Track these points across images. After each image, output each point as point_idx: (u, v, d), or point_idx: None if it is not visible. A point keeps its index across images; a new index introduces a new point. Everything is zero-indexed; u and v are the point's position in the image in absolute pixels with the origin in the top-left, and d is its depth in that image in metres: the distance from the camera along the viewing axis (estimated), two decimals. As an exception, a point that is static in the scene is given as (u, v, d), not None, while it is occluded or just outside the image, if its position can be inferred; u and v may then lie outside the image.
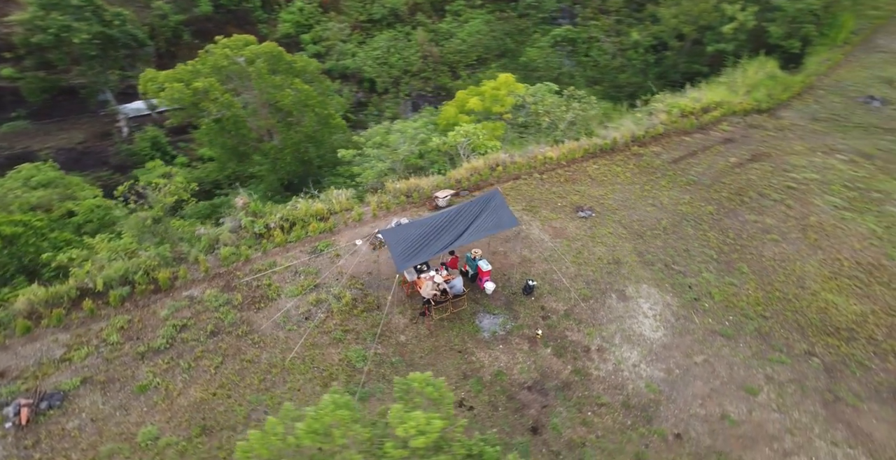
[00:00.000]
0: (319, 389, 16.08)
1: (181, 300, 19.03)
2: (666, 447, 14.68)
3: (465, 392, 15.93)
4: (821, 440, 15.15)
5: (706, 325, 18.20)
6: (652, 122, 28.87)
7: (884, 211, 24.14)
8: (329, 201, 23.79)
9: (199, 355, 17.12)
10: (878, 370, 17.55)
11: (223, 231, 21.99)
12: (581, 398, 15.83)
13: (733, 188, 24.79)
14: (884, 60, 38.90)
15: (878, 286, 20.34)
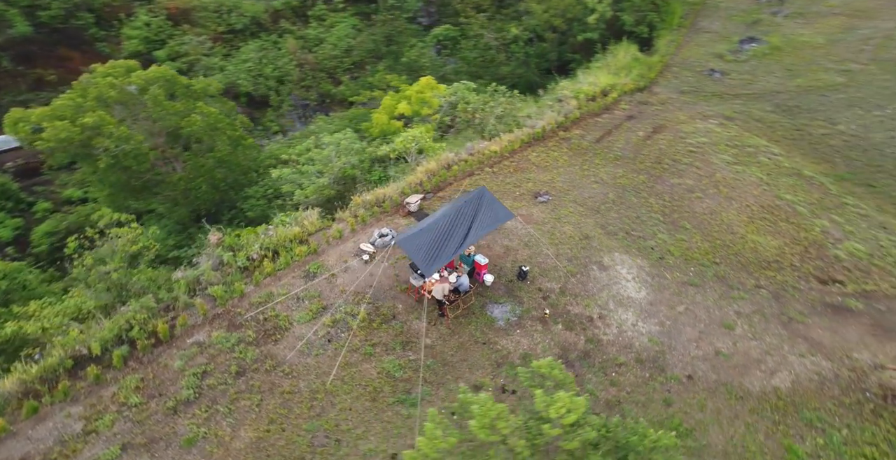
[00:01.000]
0: (369, 404, 16.44)
1: (189, 348, 18.30)
2: (684, 388, 16.77)
3: (503, 378, 17.02)
4: (791, 355, 18.00)
5: (676, 279, 20.59)
6: (568, 108, 31.05)
7: (761, 161, 27.99)
8: (300, 223, 23.54)
9: (234, 397, 16.75)
10: (807, 290, 20.87)
11: (205, 270, 21.16)
12: (602, 362, 17.51)
13: (651, 158, 27.59)
14: (710, 39, 43.83)
15: (781, 223, 23.88)
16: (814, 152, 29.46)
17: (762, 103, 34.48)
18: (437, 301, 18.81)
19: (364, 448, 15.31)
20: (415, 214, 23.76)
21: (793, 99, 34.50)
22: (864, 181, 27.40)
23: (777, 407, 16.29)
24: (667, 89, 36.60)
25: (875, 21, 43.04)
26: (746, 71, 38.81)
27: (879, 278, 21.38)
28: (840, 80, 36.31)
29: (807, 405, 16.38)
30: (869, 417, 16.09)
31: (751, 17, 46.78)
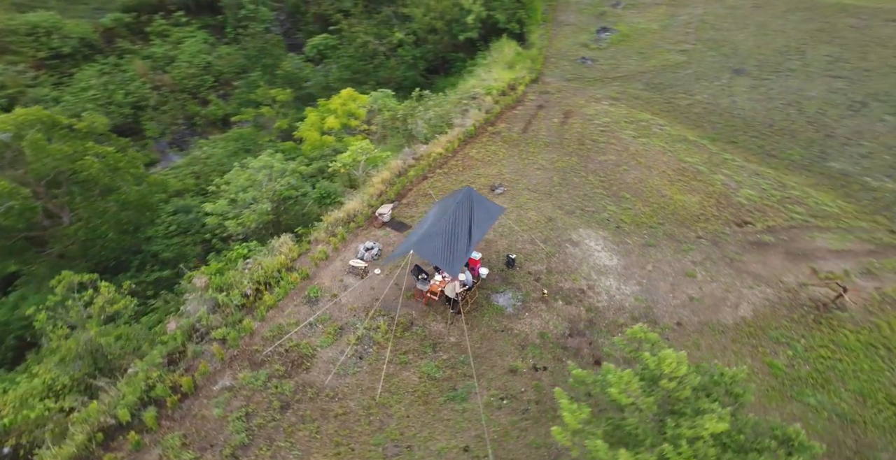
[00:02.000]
0: (423, 407, 17.11)
1: (220, 394, 17.76)
2: (677, 334, 19.22)
3: (532, 358, 18.42)
4: (744, 288, 21.16)
5: (636, 242, 23.11)
6: (489, 105, 32.65)
7: (655, 133, 31.51)
8: (274, 252, 23.10)
9: (289, 430, 16.66)
10: (732, 233, 24.33)
11: (201, 316, 20.29)
12: (606, 326, 19.49)
13: (574, 141, 30.06)
14: (572, 31, 47.51)
15: (692, 182, 27.37)
16: (686, 120, 33.54)
17: (634, 83, 38.34)
18: (448, 299, 19.71)
19: (435, 447, 16.06)
20: (389, 224, 24.22)
21: (655, 77, 38.73)
22: (729, 139, 31.69)
23: (750, 333, 19.27)
24: (555, 78, 39.41)
25: (689, 8, 49.00)
26: (610, 57, 42.69)
27: (774, 214, 25.40)
28: (682, 58, 41.19)
29: (770, 326, 19.54)
30: (814, 326, 19.57)
31: (597, 9, 51.22)
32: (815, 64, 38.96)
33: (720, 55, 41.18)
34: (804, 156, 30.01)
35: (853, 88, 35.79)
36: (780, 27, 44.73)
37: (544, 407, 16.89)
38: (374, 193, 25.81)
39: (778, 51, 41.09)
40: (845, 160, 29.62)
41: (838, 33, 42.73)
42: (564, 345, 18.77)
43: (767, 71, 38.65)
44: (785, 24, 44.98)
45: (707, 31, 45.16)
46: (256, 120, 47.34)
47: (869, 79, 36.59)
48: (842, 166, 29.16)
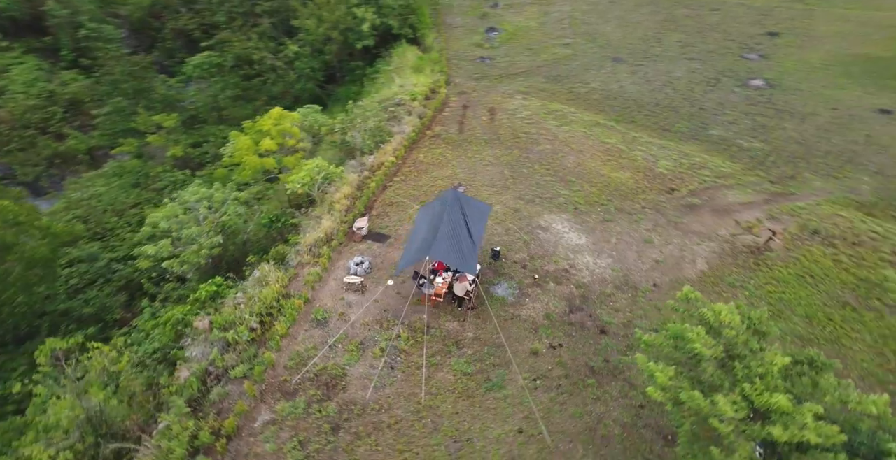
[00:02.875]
0: (468, 401, 17.64)
1: (266, 429, 17.10)
2: (657, 295, 21.38)
3: (546, 338, 19.62)
4: (693, 246, 23.86)
5: (596, 220, 25.11)
6: (421, 110, 33.16)
7: (572, 120, 34.01)
8: (262, 282, 22.19)
9: (349, 449, 16.49)
10: (667, 200, 27.01)
11: (214, 358, 19.13)
12: (598, 298, 21.18)
13: (509, 135, 31.61)
14: (463, 33, 49.21)
15: (620, 160, 30.05)
16: (590, 106, 36.48)
17: (536, 77, 40.82)
18: (457, 297, 20.31)
19: (492, 435, 16.74)
20: (369, 237, 24.15)
21: (551, 70, 41.51)
22: (628, 119, 34.95)
23: (712, 282, 21.99)
24: (463, 79, 40.79)
25: (557, 6, 52.80)
26: (504, 54, 44.95)
27: (690, 180, 28.74)
28: (567, 51, 44.49)
29: (724, 274, 22.41)
30: (755, 267, 22.77)
31: (478, 11, 53.45)
32: (672, 49, 43.86)
33: (598, 47, 44.91)
34: (690, 127, 33.96)
35: (705, 67, 40.85)
36: (636, 19, 49.63)
37: (573, 380, 18.18)
38: (341, 209, 25.47)
39: (641, 40, 45.65)
40: (720, 128, 33.96)
41: (680, 22, 48.32)
42: (570, 322, 20.21)
43: (639, 58, 42.88)
44: (639, 17, 49.96)
45: (579, 25, 48.95)
46: (140, 150, 43.17)
47: (713, 58, 41.94)
48: (719, 133, 33.40)
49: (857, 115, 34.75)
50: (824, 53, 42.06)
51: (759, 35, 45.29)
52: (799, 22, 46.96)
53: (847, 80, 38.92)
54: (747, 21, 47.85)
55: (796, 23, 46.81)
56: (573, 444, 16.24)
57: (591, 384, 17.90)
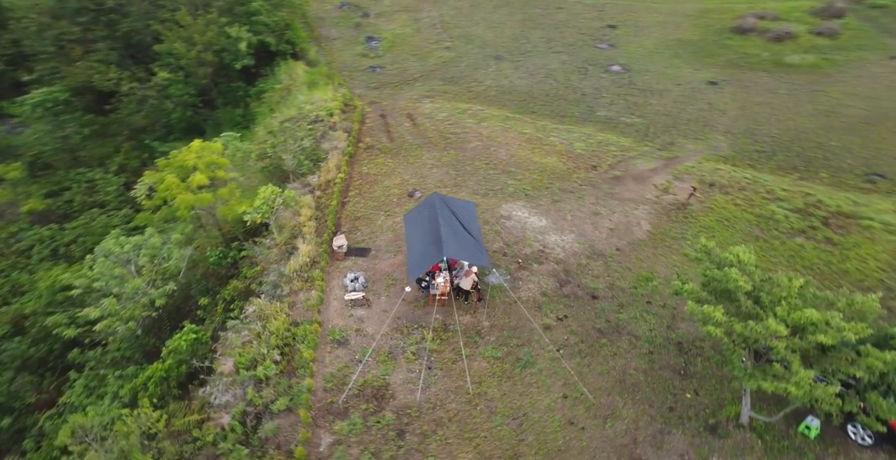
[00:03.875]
0: (510, 382, 18.62)
1: (335, 451, 16.72)
2: (622, 257, 23.86)
3: (551, 313, 21.14)
4: (634, 211, 26.83)
5: (547, 202, 27.09)
6: (347, 125, 32.76)
7: (485, 116, 35.56)
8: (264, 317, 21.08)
9: (421, 449, 16.73)
10: (595, 176, 29.45)
11: (251, 398, 18.00)
12: (578, 269, 23.13)
13: (438, 137, 32.55)
14: (344, 44, 48.85)
15: (543, 147, 32.30)
16: (492, 102, 38.75)
17: (432, 81, 42.24)
18: (463, 292, 21.09)
19: (544, 405, 17.93)
20: (351, 253, 23.87)
21: (444, 73, 43.20)
22: (528, 110, 37.72)
23: (660, 239, 25.01)
24: (362, 89, 40.92)
25: (424, 13, 54.69)
26: (392, 62, 45.79)
27: (604, 156, 31.62)
28: (451, 54, 46.52)
29: (666, 230, 25.57)
30: (685, 220, 26.26)
31: (351, 22, 53.52)
32: (540, 44, 47.73)
33: (477, 47, 47.37)
34: (580, 111, 37.58)
35: (572, 59, 45.12)
36: (500, 20, 52.98)
37: (589, 344, 19.94)
38: (310, 232, 24.76)
39: (511, 38, 48.98)
40: (604, 109, 38.03)
41: (537, 21, 52.53)
42: (564, 295, 21.98)
43: (516, 54, 46.08)
44: (501, 18, 53.38)
45: (453, 29, 51.10)
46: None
47: (575, 50, 46.40)
48: (605, 114, 37.39)
49: (695, 87, 40.66)
50: (654, 40, 48.29)
51: (602, 28, 50.65)
52: (627, 15, 53.14)
53: (678, 61, 45.22)
54: (588, 17, 53.18)
55: (625, 16, 52.94)
56: (611, 397, 18.02)
57: (605, 343, 19.82)
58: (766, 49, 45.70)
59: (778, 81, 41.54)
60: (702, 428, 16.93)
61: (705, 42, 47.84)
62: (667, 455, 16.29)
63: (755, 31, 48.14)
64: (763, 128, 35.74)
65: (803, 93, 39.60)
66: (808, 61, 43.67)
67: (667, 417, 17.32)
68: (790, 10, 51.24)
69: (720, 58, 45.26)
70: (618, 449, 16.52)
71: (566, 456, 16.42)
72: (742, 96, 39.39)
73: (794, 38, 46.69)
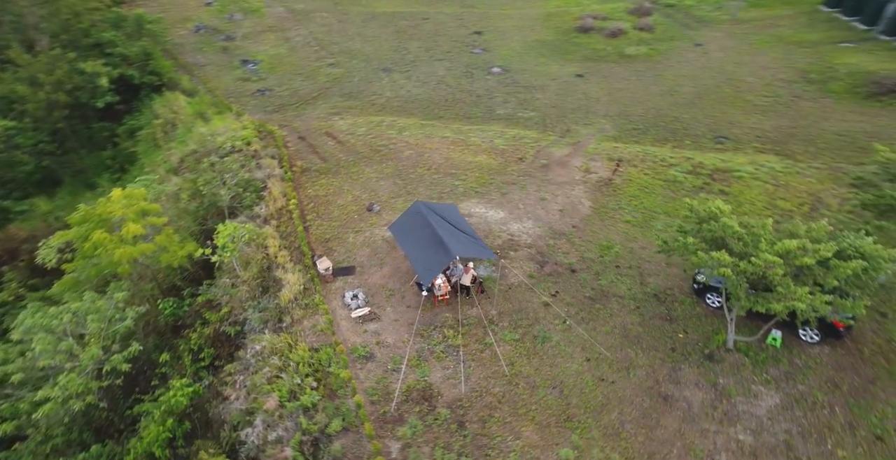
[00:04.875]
0: (537, 358, 20.10)
1: (407, 453, 17.06)
2: (578, 233, 26.41)
3: (544, 291, 22.92)
4: (572, 192, 29.55)
5: (498, 196, 28.78)
6: (273, 151, 31.46)
7: (401, 126, 36.07)
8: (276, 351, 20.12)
9: (484, 433, 17.56)
10: (525, 167, 31.97)
11: (304, 426, 17.30)
12: (549, 250, 25.21)
13: (371, 151, 32.70)
14: (219, 69, 45.51)
15: (469, 147, 33.74)
16: (399, 112, 39.60)
17: (332, 97, 42.07)
18: (464, 288, 22.07)
19: (573, 370, 19.66)
20: (337, 273, 23.55)
21: (342, 89, 43.18)
22: (436, 116, 38.69)
23: (601, 212, 27.97)
24: (261, 114, 39.54)
25: (293, 31, 54.00)
26: (279, 83, 44.71)
27: (524, 149, 34.00)
28: (339, 70, 46.57)
29: (605, 204, 28.66)
30: (614, 194, 29.63)
31: (215, 46, 51.12)
32: (421, 54, 49.62)
33: (362, 62, 47.89)
34: (482, 112, 40.12)
35: (455, 65, 47.69)
36: (373, 34, 53.92)
37: (587, 311, 22.10)
38: (285, 261, 23.89)
39: (392, 50, 50.23)
40: (501, 108, 40.95)
41: (409, 32, 54.43)
42: (547, 274, 23.94)
43: (402, 65, 47.45)
44: (374, 31, 54.36)
45: (330, 45, 50.96)
46: None
47: (454, 57, 49.02)
48: (503, 112, 40.33)
49: (567, 80, 45.33)
50: (518, 42, 52.63)
51: (470, 35, 53.89)
52: (486, 22, 57.00)
53: (545, 59, 49.91)
54: (454, 25, 56.21)
55: (485, 23, 56.74)
56: (623, 351, 20.35)
57: (599, 308, 22.14)
58: (608, 44, 52.02)
59: (626, 70, 47.68)
60: (702, 359, 19.90)
61: (559, 41, 53.16)
62: (685, 386, 18.94)
63: (594, 29, 54.48)
64: (631, 110, 40.99)
65: (647, 78, 45.88)
66: (641, 52, 50.54)
67: (672, 357, 20.04)
68: (613, 11, 58.52)
69: (576, 54, 50.63)
70: (647, 392, 18.81)
71: (609, 407, 18.32)
72: (606, 85, 44.69)
73: (625, 33, 53.61)
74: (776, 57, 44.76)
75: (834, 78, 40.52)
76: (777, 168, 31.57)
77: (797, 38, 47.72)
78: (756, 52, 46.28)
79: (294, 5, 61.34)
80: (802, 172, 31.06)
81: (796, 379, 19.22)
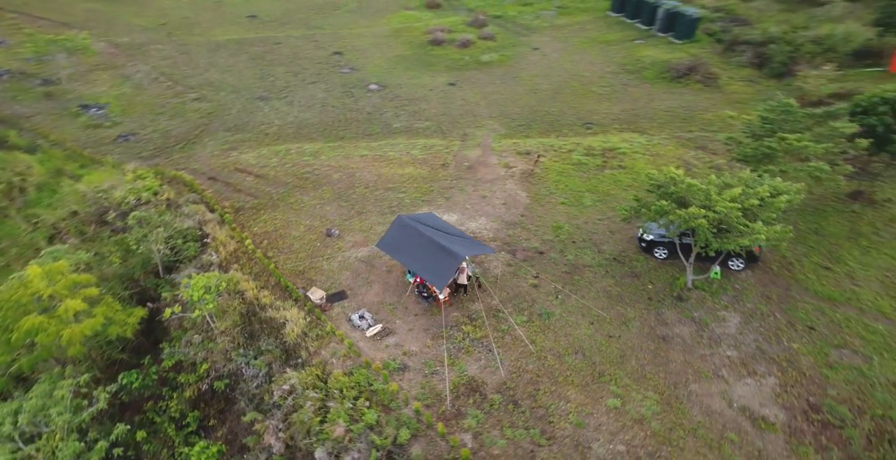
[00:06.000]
0: (550, 333, 22.71)
1: (483, 439, 18.46)
2: (528, 218, 29.63)
3: (528, 275, 25.61)
4: (507, 186, 32.73)
5: (444, 201, 30.82)
6: (193, 196, 29.81)
7: (314, 151, 36.57)
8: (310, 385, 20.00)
9: (542, 404, 19.70)
10: (453, 172, 34.77)
11: (379, 443, 17.75)
12: (512, 240, 27.91)
13: (297, 179, 32.70)
14: (49, 120, 42.80)
15: (391, 162, 35.08)
16: (298, 138, 39.15)
17: (218, 133, 40.59)
18: (460, 286, 23.92)
19: (584, 335, 22.61)
20: (332, 300, 23.80)
21: (223, 123, 41.85)
22: (338, 137, 39.17)
23: (537, 199, 31.54)
24: (136, 162, 36.52)
25: (130, 68, 51.05)
26: (141, 125, 42.12)
27: (440, 155, 36.54)
28: (207, 104, 44.97)
29: (537, 192, 32.30)
30: (539, 182, 33.50)
31: (36, 93, 46.82)
32: (291, 79, 49.68)
33: (231, 93, 46.68)
34: (381, 128, 41.80)
35: (330, 86, 48.51)
36: (227, 63, 52.58)
37: (570, 283, 25.23)
38: (270, 301, 23.45)
39: (257, 77, 49.62)
40: (395, 121, 42.69)
41: (267, 58, 54.00)
42: (522, 259, 26.70)
43: (276, 92, 47.22)
44: (227, 61, 53.00)
45: (185, 79, 48.75)
46: None
47: (327, 78, 49.93)
48: (400, 125, 42.24)
49: (444, 90, 48.42)
50: (381, 59, 55.02)
51: (331, 56, 55.11)
52: (341, 42, 58.42)
53: (413, 72, 52.99)
54: (310, 47, 56.88)
55: (340, 43, 58.08)
56: (615, 309, 23.92)
57: (577, 279, 25.52)
58: (463, 54, 56.78)
59: (489, 76, 52.60)
60: (674, 301, 24.25)
61: (419, 54, 56.74)
62: (673, 325, 23.06)
63: (446, 41, 59.07)
64: (508, 110, 45.69)
65: (509, 80, 51.20)
66: (494, 58, 56.16)
67: (652, 304, 24.11)
68: (454, 24, 63.75)
69: (440, 65, 54.60)
70: (648, 337, 22.54)
71: (627, 357, 21.66)
72: (478, 90, 49.12)
73: (473, 43, 58.98)
74: (597, 54, 52.92)
75: (644, 67, 49.34)
76: (643, 142, 38.17)
77: (604, 39, 56.73)
78: (580, 51, 54.23)
79: (117, 39, 57.14)
80: (662, 143, 37.98)
81: (743, 300, 24.44)
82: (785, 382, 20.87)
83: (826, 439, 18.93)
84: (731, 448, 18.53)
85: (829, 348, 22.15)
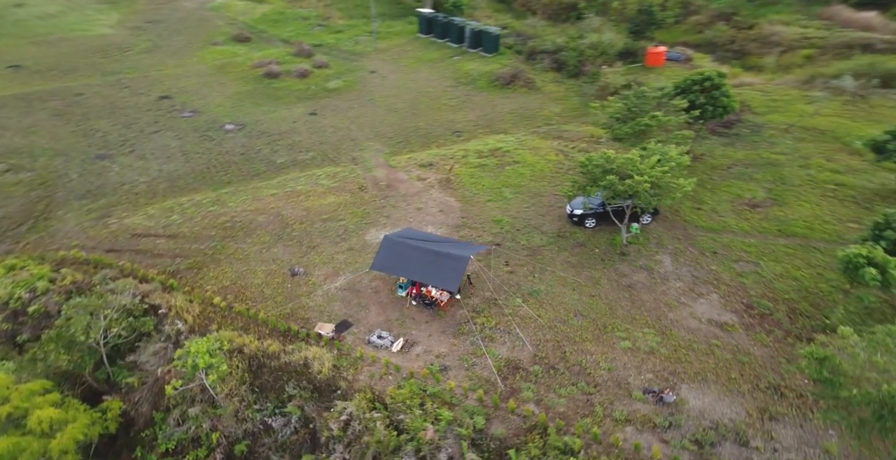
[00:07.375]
0: (546, 305, 26.52)
1: (542, 404, 21.54)
2: (472, 220, 33.09)
3: (499, 266, 29.06)
4: (433, 197, 35.73)
5: (385, 220, 32.76)
6: (110, 272, 27.30)
7: (219, 200, 35.69)
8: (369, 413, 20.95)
9: (574, 363, 23.48)
10: (375, 193, 36.50)
11: (464, 434, 19.74)
12: (468, 240, 31.22)
13: (220, 231, 31.82)
14: None
15: (310, 195, 35.90)
16: (179, 190, 37.71)
17: (68, 203, 36.87)
18: (460, 285, 26.62)
19: (573, 300, 26.91)
20: (340, 330, 24.63)
21: (70, 192, 38.22)
22: (224, 183, 39.02)
23: (469, 200, 35.24)
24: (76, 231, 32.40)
25: None
26: None
27: (350, 180, 38.56)
28: (34, 175, 40.23)
29: (464, 196, 35.94)
30: (459, 186, 37.28)
31: None
32: (125, 131, 46.18)
33: (57, 158, 42.15)
34: (265, 165, 41.49)
35: (180, 133, 46.00)
36: (29, 124, 46.79)
37: (542, 259, 29.44)
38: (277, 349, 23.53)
39: (79, 135, 45.05)
40: (276, 156, 42.32)
41: (73, 112, 48.64)
42: (486, 253, 30.14)
43: (116, 147, 43.61)
44: (27, 121, 47.22)
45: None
46: None
47: (169, 124, 47.61)
48: (283, 159, 41.95)
49: (308, 120, 48.10)
50: (222, 98, 52.70)
51: (157, 101, 52.15)
52: (158, 86, 54.76)
53: (265, 107, 51.51)
54: (126, 95, 52.81)
55: (158, 86, 54.30)
56: (583, 275, 28.73)
57: (540, 258, 29.85)
58: (307, 83, 57.53)
59: (341, 101, 52.93)
60: (620, 257, 29.87)
61: (260, 89, 56.41)
62: (630, 275, 28.63)
63: (282, 73, 59.45)
64: (380, 130, 47.25)
65: (366, 103, 51.60)
66: (341, 85, 57.64)
67: (607, 263, 29.48)
68: (280, 56, 64.01)
69: (289, 97, 54.69)
70: (618, 288, 27.84)
71: (614, 308, 26.60)
72: (342, 116, 49.90)
73: (311, 72, 60.34)
74: (429, 71, 58.13)
75: (475, 79, 55.86)
76: (513, 140, 44.19)
77: (427, 57, 62.38)
78: (413, 70, 59.00)
79: None
80: (529, 139, 44.50)
81: (664, 244, 31.09)
82: (722, 295, 27.53)
83: (767, 325, 25.73)
84: (719, 351, 24.26)
85: (732, 263, 29.54)
